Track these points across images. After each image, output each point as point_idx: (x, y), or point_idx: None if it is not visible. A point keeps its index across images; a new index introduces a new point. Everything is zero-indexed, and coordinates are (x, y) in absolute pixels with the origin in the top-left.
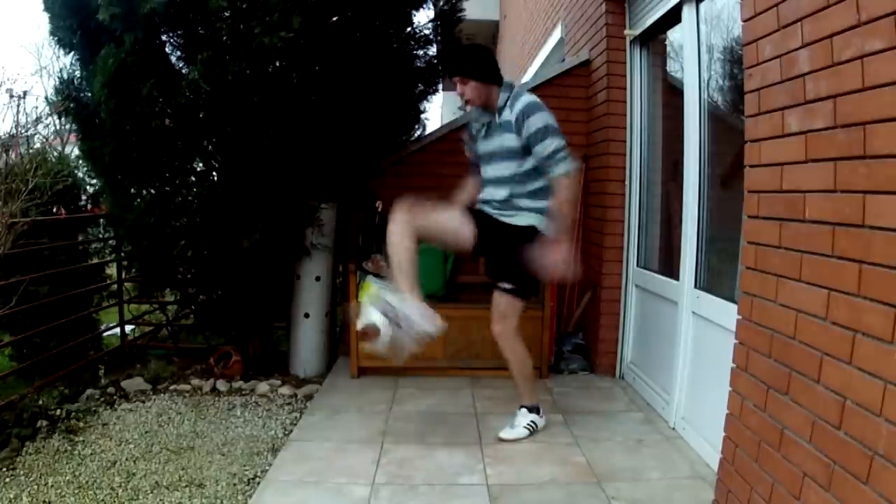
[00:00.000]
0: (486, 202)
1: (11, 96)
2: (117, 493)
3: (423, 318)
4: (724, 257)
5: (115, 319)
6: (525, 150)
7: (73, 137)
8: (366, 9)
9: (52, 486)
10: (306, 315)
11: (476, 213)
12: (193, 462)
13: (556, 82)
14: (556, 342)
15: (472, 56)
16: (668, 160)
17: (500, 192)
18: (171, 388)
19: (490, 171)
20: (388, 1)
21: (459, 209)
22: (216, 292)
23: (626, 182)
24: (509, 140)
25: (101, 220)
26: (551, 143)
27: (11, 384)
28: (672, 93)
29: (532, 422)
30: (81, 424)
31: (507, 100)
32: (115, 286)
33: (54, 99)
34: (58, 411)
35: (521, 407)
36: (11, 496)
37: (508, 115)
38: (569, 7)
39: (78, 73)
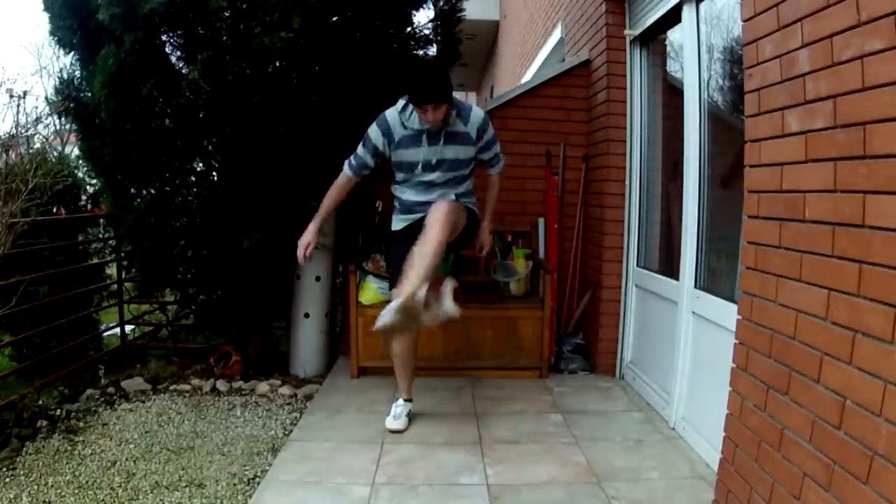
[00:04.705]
0: (425, 206)
1: (11, 96)
2: (117, 493)
3: None
4: (724, 257)
5: (115, 319)
6: (473, 158)
7: (73, 137)
8: (366, 9)
9: (52, 486)
10: (306, 315)
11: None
12: (193, 462)
13: (556, 82)
14: (556, 342)
15: (445, 79)
16: (668, 160)
17: (448, 195)
18: (171, 388)
19: (433, 176)
20: (388, 1)
21: (401, 251)
22: (216, 292)
23: (626, 182)
24: (462, 151)
25: (101, 220)
26: (497, 147)
27: (11, 384)
28: (672, 93)
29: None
30: (81, 424)
31: (457, 112)
32: (115, 286)
33: (54, 99)
34: (58, 411)
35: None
36: (11, 496)
37: (462, 127)
38: (569, 7)
39: (78, 73)
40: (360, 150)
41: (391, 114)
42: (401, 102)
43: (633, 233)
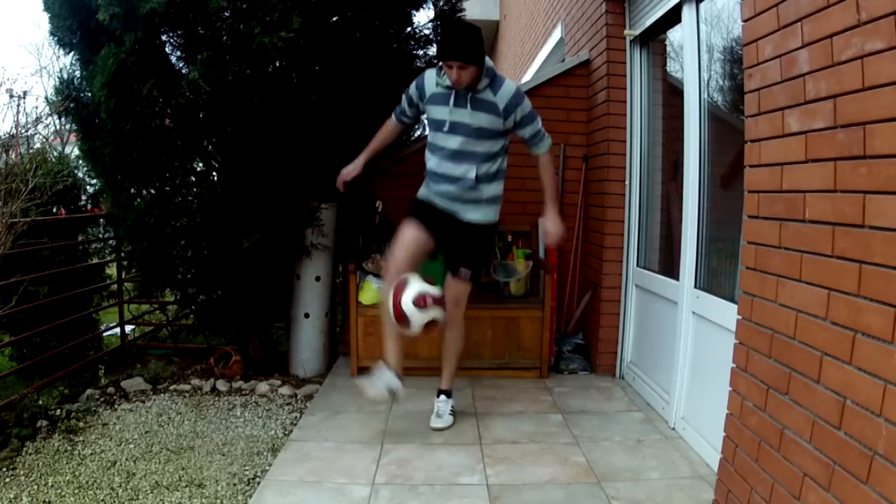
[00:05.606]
0: (446, 181)
1: (11, 96)
2: (117, 493)
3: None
4: (724, 257)
5: (115, 319)
6: (502, 133)
7: (73, 137)
8: (366, 9)
9: (52, 486)
10: (306, 315)
11: (431, 214)
12: (193, 462)
13: (556, 82)
14: (556, 342)
15: (476, 42)
16: (668, 160)
17: (469, 171)
18: (171, 388)
19: (454, 142)
20: (388, 1)
21: (415, 224)
22: (216, 292)
23: (626, 182)
24: (487, 120)
25: (101, 220)
26: (537, 125)
27: (11, 384)
28: (672, 93)
29: (453, 406)
30: (81, 424)
31: (489, 81)
32: (115, 286)
33: (54, 99)
34: (58, 411)
35: (442, 393)
36: (11, 496)
37: (490, 96)
38: (569, 7)
39: (78, 73)
40: (402, 97)
41: (430, 70)
42: None
43: (633, 233)
